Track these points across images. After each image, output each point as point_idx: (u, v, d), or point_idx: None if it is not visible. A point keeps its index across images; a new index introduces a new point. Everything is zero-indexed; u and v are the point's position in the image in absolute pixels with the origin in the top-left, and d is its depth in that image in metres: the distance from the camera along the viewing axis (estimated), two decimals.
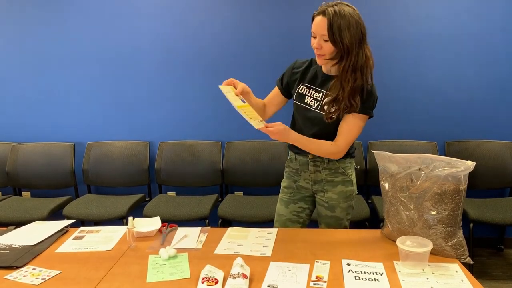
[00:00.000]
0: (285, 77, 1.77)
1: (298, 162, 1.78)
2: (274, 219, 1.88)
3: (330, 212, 1.77)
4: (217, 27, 2.95)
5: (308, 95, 1.68)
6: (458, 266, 1.35)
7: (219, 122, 3.08)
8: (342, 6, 1.49)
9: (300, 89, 1.71)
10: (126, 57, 3.04)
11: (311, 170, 1.75)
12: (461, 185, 1.36)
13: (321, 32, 1.49)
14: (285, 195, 1.84)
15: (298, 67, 1.74)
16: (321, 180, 1.76)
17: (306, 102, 1.67)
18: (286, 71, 1.77)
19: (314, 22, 1.52)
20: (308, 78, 1.70)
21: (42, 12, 3.03)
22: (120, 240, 1.64)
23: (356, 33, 1.49)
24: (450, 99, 2.89)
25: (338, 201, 1.76)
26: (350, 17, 1.47)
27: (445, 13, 2.79)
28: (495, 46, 2.80)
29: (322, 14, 1.48)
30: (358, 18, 1.50)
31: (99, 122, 3.15)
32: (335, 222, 1.79)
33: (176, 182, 3.09)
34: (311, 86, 1.68)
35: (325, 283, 1.26)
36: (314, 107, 1.66)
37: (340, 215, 1.78)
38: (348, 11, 1.48)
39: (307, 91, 1.68)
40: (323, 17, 1.48)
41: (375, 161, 1.56)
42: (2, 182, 3.17)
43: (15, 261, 1.45)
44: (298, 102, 1.71)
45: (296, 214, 1.82)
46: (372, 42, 2.89)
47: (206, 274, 1.27)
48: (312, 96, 1.67)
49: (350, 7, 1.50)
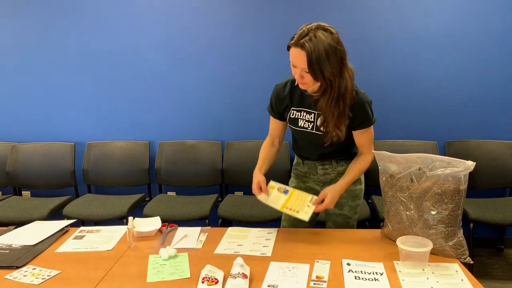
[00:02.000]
0: (274, 107, 1.71)
1: (306, 165, 1.79)
2: (282, 218, 1.87)
3: (338, 210, 1.78)
4: (217, 27, 2.95)
5: (300, 118, 1.65)
6: (458, 266, 1.35)
7: (219, 122, 3.07)
8: (319, 33, 1.39)
9: (291, 114, 1.67)
10: (126, 57, 3.04)
11: (320, 173, 1.77)
12: (461, 185, 1.36)
13: (301, 65, 1.42)
14: None
15: (281, 93, 1.67)
16: (330, 181, 1.77)
17: (300, 125, 1.66)
18: (272, 100, 1.71)
19: (292, 53, 1.44)
20: (296, 101, 1.65)
21: (42, 12, 3.02)
22: (120, 240, 1.64)
23: (336, 61, 1.42)
24: (450, 99, 2.89)
25: (347, 199, 1.77)
26: (329, 47, 1.39)
27: (446, 12, 2.78)
28: (495, 46, 2.80)
29: (300, 47, 1.39)
30: (337, 44, 1.41)
31: (99, 122, 3.15)
32: (343, 221, 1.80)
33: (176, 182, 3.08)
34: (301, 109, 1.65)
35: (325, 283, 1.26)
36: (309, 129, 1.64)
37: (348, 213, 1.80)
38: (326, 39, 1.39)
39: (299, 114, 1.66)
40: (301, 50, 1.39)
41: (375, 161, 1.56)
42: (2, 182, 3.17)
43: (15, 261, 1.45)
44: (293, 127, 1.70)
45: None
46: (372, 42, 2.91)
47: (206, 274, 1.27)
48: (304, 118, 1.64)
49: (327, 31, 1.41)
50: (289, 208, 1.57)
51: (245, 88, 3.00)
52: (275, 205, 1.58)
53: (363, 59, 2.87)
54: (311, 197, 1.63)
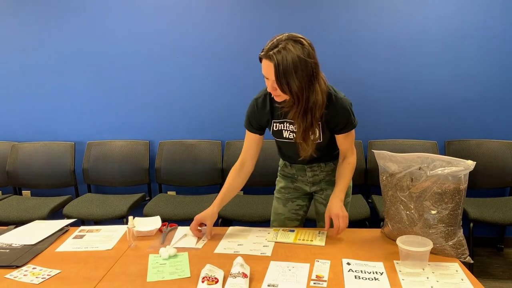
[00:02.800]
0: (253, 121, 1.66)
1: (294, 168, 1.79)
2: (271, 219, 1.88)
3: None
4: (217, 27, 2.95)
5: (284, 129, 1.63)
6: (458, 265, 1.35)
7: (219, 122, 3.07)
8: (288, 45, 1.35)
9: (274, 127, 1.64)
10: (126, 57, 3.04)
11: (309, 175, 1.77)
12: (461, 185, 1.35)
13: (272, 77, 1.39)
14: (283, 194, 1.84)
15: (261, 106, 1.62)
16: (319, 181, 1.78)
17: (285, 136, 1.64)
18: (251, 115, 1.65)
19: (263, 65, 1.42)
20: (277, 114, 1.61)
21: (42, 13, 3.03)
22: (120, 240, 1.64)
23: (306, 75, 1.37)
24: (450, 99, 2.89)
25: None
26: (298, 59, 1.34)
27: (446, 12, 2.78)
28: (495, 46, 2.80)
29: (269, 59, 1.37)
30: (307, 56, 1.36)
31: (99, 122, 3.15)
32: None
33: (176, 182, 3.09)
34: (283, 120, 1.62)
35: (325, 282, 1.26)
36: (294, 139, 1.62)
37: None
38: (295, 51, 1.34)
39: (282, 126, 1.63)
40: (270, 62, 1.37)
41: (376, 161, 1.56)
42: (2, 181, 3.17)
43: (15, 260, 1.45)
44: (278, 139, 1.68)
45: (294, 212, 1.83)
46: (372, 42, 2.91)
47: (206, 273, 1.27)
48: (288, 129, 1.62)
49: (298, 42, 1.37)
50: (302, 239, 1.59)
51: (245, 88, 3.00)
52: (287, 240, 1.59)
53: (362, 59, 2.87)
54: (318, 231, 1.65)
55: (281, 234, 1.64)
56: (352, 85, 2.85)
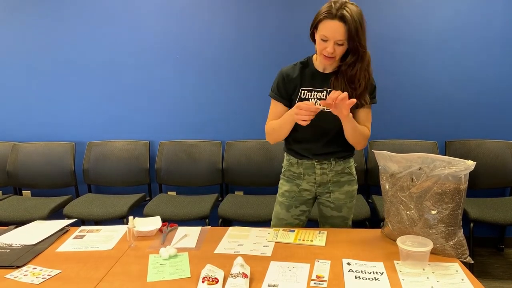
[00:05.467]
0: (282, 89, 1.67)
1: (301, 165, 1.74)
2: (272, 223, 1.85)
3: (337, 212, 1.78)
4: (217, 27, 2.95)
5: (311, 97, 1.65)
6: (459, 265, 1.35)
7: (219, 122, 3.08)
8: (349, 5, 1.46)
9: (302, 94, 1.66)
10: (126, 56, 3.04)
11: (317, 173, 1.73)
12: (461, 185, 1.35)
13: (338, 37, 1.47)
14: (286, 199, 1.79)
15: (289, 74, 1.66)
16: (326, 182, 1.75)
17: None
18: (279, 83, 1.68)
19: (326, 26, 1.47)
20: (307, 81, 1.65)
21: (43, 12, 3.03)
22: (120, 240, 1.64)
23: (364, 34, 1.50)
24: (450, 99, 2.89)
25: (345, 201, 1.77)
26: (360, 17, 1.47)
27: (446, 12, 2.78)
28: (495, 46, 2.80)
29: (338, 19, 1.44)
30: (362, 15, 1.50)
31: (100, 122, 3.15)
32: (342, 222, 1.80)
33: (176, 182, 3.09)
34: (312, 89, 1.65)
35: (326, 282, 1.26)
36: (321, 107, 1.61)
37: (347, 214, 1.80)
38: (356, 10, 1.47)
39: (309, 94, 1.65)
40: (339, 22, 1.44)
41: (376, 161, 1.56)
42: (3, 181, 3.17)
43: (15, 260, 1.46)
44: None
45: (297, 217, 1.81)
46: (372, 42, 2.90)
47: (206, 273, 1.27)
48: (315, 97, 1.64)
49: (354, 5, 1.49)
50: (302, 239, 1.59)
51: (245, 88, 3.00)
52: (287, 240, 1.59)
53: None
54: (319, 231, 1.65)
55: (281, 234, 1.64)
56: None
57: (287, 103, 1.69)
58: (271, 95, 1.72)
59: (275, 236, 1.62)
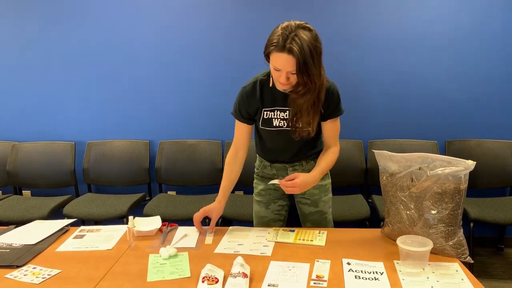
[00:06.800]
0: (243, 109, 1.67)
1: (274, 167, 1.78)
2: (254, 222, 1.85)
3: (314, 207, 1.79)
4: (218, 27, 2.95)
5: (274, 117, 1.63)
6: (459, 265, 1.35)
7: (219, 122, 3.07)
8: (300, 33, 1.35)
9: (264, 115, 1.64)
10: (126, 56, 3.04)
11: (290, 174, 1.74)
12: (461, 185, 1.35)
13: (289, 69, 1.38)
14: (263, 197, 1.82)
15: (249, 96, 1.63)
16: None
17: (275, 125, 1.64)
18: (240, 103, 1.67)
19: (276, 58, 1.38)
20: (268, 101, 1.62)
21: (42, 12, 3.03)
22: (120, 239, 1.64)
23: (318, 60, 1.40)
24: (450, 99, 2.89)
25: (320, 195, 1.78)
26: (312, 47, 1.36)
27: (446, 12, 2.78)
28: (495, 46, 2.80)
29: (287, 52, 1.34)
30: (315, 41, 1.38)
31: (100, 121, 3.15)
32: (320, 217, 1.80)
33: (176, 181, 3.09)
34: (274, 108, 1.62)
35: (326, 282, 1.26)
36: (285, 126, 1.62)
37: (324, 208, 1.80)
38: (308, 38, 1.35)
39: (272, 114, 1.63)
40: (288, 55, 1.35)
41: (376, 160, 1.56)
42: (3, 181, 3.17)
43: (15, 260, 1.46)
44: (267, 128, 1.66)
45: (277, 212, 1.83)
46: (373, 42, 2.90)
47: (206, 273, 1.27)
48: (278, 117, 1.62)
49: (306, 29, 1.37)
50: (302, 239, 1.59)
51: None
52: (287, 240, 1.59)
53: (362, 58, 2.87)
54: (319, 231, 1.66)
55: (281, 234, 1.64)
56: (351, 85, 2.85)
57: (250, 123, 1.71)
58: (233, 115, 1.73)
59: (275, 236, 1.63)
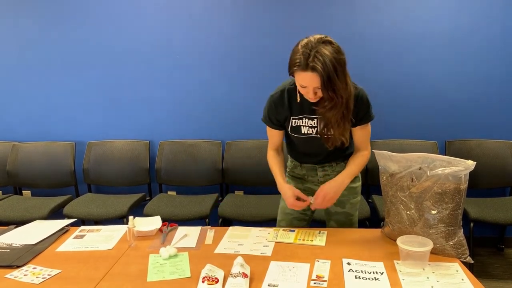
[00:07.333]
0: (272, 117, 1.68)
1: (304, 168, 1.78)
2: (278, 218, 1.86)
3: (341, 208, 1.78)
4: (218, 26, 2.94)
5: (303, 125, 1.64)
6: (459, 265, 1.35)
7: (219, 122, 3.07)
8: (323, 50, 1.35)
9: (292, 123, 1.65)
10: (127, 57, 3.04)
11: (320, 175, 1.77)
12: (461, 185, 1.35)
13: (314, 85, 1.40)
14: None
15: (278, 104, 1.64)
16: None
17: (304, 132, 1.65)
18: (269, 111, 1.67)
19: (301, 76, 1.40)
20: (297, 110, 1.63)
21: (43, 12, 3.03)
22: (120, 239, 1.64)
23: (342, 73, 1.40)
24: (450, 99, 2.89)
25: (348, 196, 1.77)
26: (335, 61, 1.36)
27: (446, 12, 2.78)
28: (495, 46, 2.79)
29: (310, 70, 1.36)
30: (338, 53, 1.38)
31: (100, 122, 3.15)
32: (346, 218, 1.80)
33: (176, 182, 3.09)
34: (302, 117, 1.63)
35: (326, 282, 1.26)
36: (313, 134, 1.63)
37: (350, 211, 1.80)
38: (330, 53, 1.36)
39: (300, 122, 1.64)
40: (312, 73, 1.36)
41: (376, 161, 1.56)
42: (3, 181, 3.17)
43: (15, 260, 1.46)
44: (296, 135, 1.68)
45: (303, 212, 1.83)
46: (372, 42, 2.91)
47: (206, 273, 1.27)
48: (307, 125, 1.63)
49: (327, 43, 1.38)
50: (302, 239, 1.59)
51: (245, 88, 3.00)
52: (287, 239, 1.59)
53: (362, 58, 2.87)
54: (319, 231, 1.65)
55: (281, 234, 1.64)
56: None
57: (281, 128, 1.72)
58: (263, 121, 1.73)
59: (275, 236, 1.63)
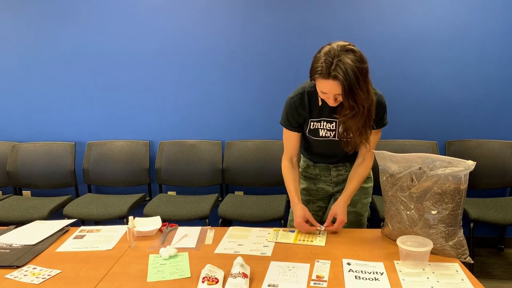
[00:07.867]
0: (292, 120, 1.66)
1: (317, 168, 1.80)
2: (289, 218, 1.86)
3: (351, 207, 1.78)
4: (219, 27, 2.94)
5: (321, 128, 1.64)
6: (459, 265, 1.35)
7: (219, 122, 3.07)
8: (345, 58, 1.34)
9: (311, 126, 1.65)
10: (127, 57, 3.04)
11: (333, 175, 1.79)
12: (461, 185, 1.35)
13: (335, 92, 1.39)
14: (304, 196, 1.84)
15: (299, 105, 1.62)
16: (343, 181, 1.79)
17: (322, 135, 1.65)
18: (289, 113, 1.65)
19: (322, 85, 1.40)
20: (316, 113, 1.62)
21: (42, 12, 3.03)
22: (120, 240, 1.64)
23: (364, 82, 1.39)
24: (450, 99, 2.89)
25: (360, 196, 1.79)
26: (357, 70, 1.35)
27: (447, 12, 2.78)
28: (496, 46, 2.79)
29: (332, 78, 1.35)
30: (361, 62, 1.37)
31: (100, 122, 3.15)
32: (356, 218, 1.81)
33: (176, 182, 3.09)
34: (320, 119, 1.63)
35: (326, 282, 1.26)
36: (331, 137, 1.64)
37: (361, 211, 1.81)
38: (353, 62, 1.34)
39: (318, 125, 1.64)
40: (334, 81, 1.35)
41: (376, 161, 1.56)
42: (3, 181, 3.17)
43: (15, 260, 1.46)
44: (314, 137, 1.67)
45: (314, 212, 1.84)
46: (372, 41, 2.90)
47: (206, 273, 1.27)
48: (325, 127, 1.63)
49: (349, 52, 1.36)
50: (302, 239, 1.60)
51: (246, 88, 3.00)
52: (287, 240, 1.60)
53: None
54: (318, 231, 1.66)
55: (281, 234, 1.64)
56: None
57: (299, 131, 1.70)
58: (282, 124, 1.71)
59: (275, 236, 1.63)
